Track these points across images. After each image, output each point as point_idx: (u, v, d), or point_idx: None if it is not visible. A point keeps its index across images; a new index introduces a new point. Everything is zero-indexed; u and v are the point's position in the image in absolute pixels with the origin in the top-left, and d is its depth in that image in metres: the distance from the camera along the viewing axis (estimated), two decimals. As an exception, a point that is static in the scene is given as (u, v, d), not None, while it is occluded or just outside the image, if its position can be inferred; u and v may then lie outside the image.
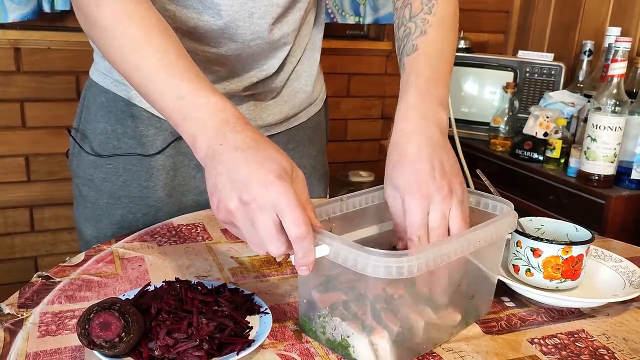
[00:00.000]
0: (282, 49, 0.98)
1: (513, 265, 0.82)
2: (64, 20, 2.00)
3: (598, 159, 1.68)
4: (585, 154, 1.70)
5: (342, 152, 2.54)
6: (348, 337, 0.63)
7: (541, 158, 1.91)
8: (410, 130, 0.72)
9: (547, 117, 1.92)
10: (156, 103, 0.71)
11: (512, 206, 0.74)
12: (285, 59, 1.00)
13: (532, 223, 0.86)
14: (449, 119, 2.06)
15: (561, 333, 0.72)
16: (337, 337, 0.65)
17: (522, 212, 1.83)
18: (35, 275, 0.79)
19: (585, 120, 1.76)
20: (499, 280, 0.80)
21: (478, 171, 0.89)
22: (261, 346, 0.65)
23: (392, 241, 0.78)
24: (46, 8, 1.87)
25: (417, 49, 0.79)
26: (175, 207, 1.05)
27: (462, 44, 2.31)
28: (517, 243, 0.81)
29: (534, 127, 1.94)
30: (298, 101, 1.09)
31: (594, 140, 1.66)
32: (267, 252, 0.61)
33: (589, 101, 1.86)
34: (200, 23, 0.90)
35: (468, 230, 0.68)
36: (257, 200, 0.59)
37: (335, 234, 0.63)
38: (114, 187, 1.02)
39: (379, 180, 0.74)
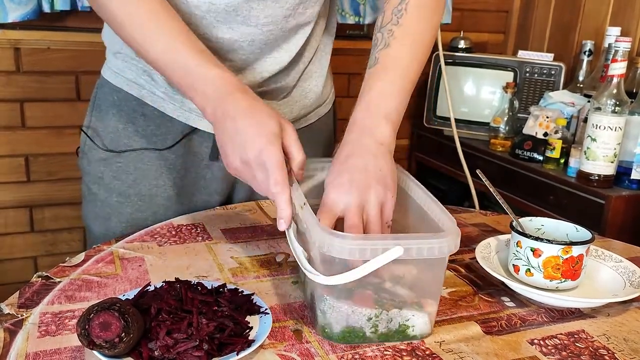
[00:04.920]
0: (295, 41, 0.98)
1: (513, 265, 0.82)
2: (64, 20, 2.00)
3: (598, 159, 1.67)
4: (585, 154, 1.70)
5: (342, 152, 2.53)
6: (407, 320, 0.68)
7: (541, 158, 1.91)
8: (347, 142, 0.79)
9: (547, 117, 1.91)
10: (168, 78, 0.85)
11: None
12: (298, 56, 1.01)
13: (532, 223, 0.86)
14: (449, 118, 2.06)
15: (561, 333, 0.72)
16: (393, 327, 0.68)
17: (522, 212, 1.82)
18: (35, 275, 0.79)
19: (585, 120, 1.75)
20: (498, 280, 0.80)
21: (478, 171, 0.89)
22: (261, 346, 0.65)
23: None
24: (46, 8, 1.87)
25: (377, 63, 0.86)
26: (185, 207, 1.05)
27: (462, 44, 2.30)
28: (517, 243, 0.81)
29: (533, 127, 1.94)
30: (308, 102, 1.09)
31: (594, 140, 1.66)
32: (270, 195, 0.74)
33: (588, 101, 1.86)
34: (213, 7, 0.89)
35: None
36: (252, 162, 0.74)
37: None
38: (124, 185, 1.02)
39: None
